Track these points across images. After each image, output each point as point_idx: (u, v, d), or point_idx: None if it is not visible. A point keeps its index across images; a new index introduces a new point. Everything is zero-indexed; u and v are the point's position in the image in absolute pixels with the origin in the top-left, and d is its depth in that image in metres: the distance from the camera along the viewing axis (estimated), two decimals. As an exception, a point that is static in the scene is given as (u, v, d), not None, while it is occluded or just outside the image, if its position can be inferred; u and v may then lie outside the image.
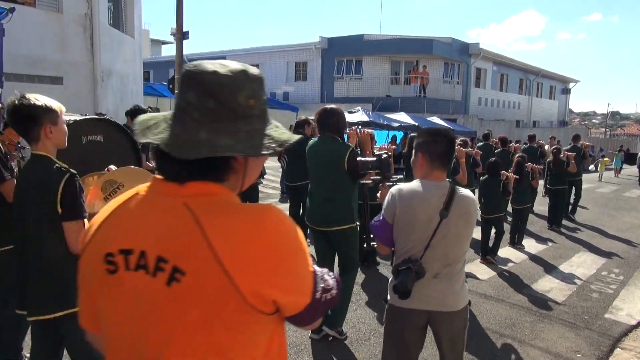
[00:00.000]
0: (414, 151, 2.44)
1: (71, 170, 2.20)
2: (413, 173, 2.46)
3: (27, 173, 2.24)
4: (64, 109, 2.29)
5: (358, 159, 3.41)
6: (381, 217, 2.37)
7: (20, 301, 2.33)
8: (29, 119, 2.17)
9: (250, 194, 7.19)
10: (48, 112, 2.19)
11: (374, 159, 3.29)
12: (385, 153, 3.33)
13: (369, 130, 4.03)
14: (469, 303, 2.41)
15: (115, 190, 2.59)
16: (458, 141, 6.70)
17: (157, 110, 15.31)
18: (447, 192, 2.28)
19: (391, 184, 2.99)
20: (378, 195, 3.32)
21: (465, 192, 2.35)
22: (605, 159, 21.72)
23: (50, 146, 2.24)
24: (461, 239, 2.32)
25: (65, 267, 2.21)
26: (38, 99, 2.19)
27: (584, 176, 10.93)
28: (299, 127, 6.78)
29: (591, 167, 20.95)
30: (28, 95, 2.18)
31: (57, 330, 2.34)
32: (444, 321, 2.35)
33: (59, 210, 2.16)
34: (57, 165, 2.20)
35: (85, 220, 2.23)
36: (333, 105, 3.78)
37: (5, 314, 2.89)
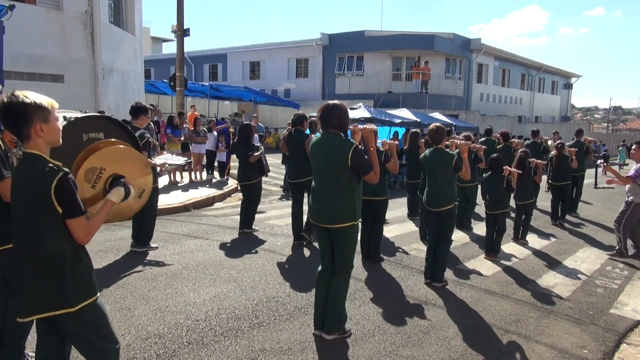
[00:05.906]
0: None
1: (64, 168, 2.15)
2: None
3: (19, 172, 2.19)
4: (56, 105, 2.22)
5: (602, 153, 4.35)
6: None
7: (19, 300, 2.30)
8: (18, 117, 2.10)
9: (253, 191, 7.16)
10: (38, 110, 2.12)
11: (603, 152, 4.52)
12: (606, 150, 3.82)
13: (372, 126, 3.97)
14: None
15: (99, 177, 2.55)
16: (461, 136, 6.65)
17: (158, 108, 15.29)
18: None
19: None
20: (601, 171, 4.86)
21: None
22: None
23: (42, 144, 2.18)
24: None
25: (64, 264, 2.18)
26: (27, 96, 2.11)
27: (588, 171, 10.85)
28: (297, 123, 6.45)
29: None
30: (17, 93, 2.11)
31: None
32: None
33: (59, 209, 2.12)
34: (49, 164, 2.14)
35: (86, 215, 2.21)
36: (336, 101, 3.72)
37: (6, 313, 2.87)
